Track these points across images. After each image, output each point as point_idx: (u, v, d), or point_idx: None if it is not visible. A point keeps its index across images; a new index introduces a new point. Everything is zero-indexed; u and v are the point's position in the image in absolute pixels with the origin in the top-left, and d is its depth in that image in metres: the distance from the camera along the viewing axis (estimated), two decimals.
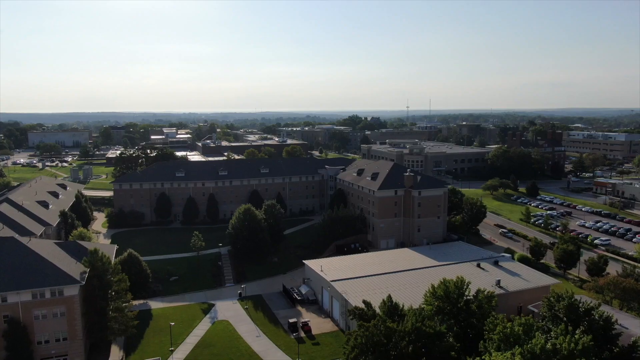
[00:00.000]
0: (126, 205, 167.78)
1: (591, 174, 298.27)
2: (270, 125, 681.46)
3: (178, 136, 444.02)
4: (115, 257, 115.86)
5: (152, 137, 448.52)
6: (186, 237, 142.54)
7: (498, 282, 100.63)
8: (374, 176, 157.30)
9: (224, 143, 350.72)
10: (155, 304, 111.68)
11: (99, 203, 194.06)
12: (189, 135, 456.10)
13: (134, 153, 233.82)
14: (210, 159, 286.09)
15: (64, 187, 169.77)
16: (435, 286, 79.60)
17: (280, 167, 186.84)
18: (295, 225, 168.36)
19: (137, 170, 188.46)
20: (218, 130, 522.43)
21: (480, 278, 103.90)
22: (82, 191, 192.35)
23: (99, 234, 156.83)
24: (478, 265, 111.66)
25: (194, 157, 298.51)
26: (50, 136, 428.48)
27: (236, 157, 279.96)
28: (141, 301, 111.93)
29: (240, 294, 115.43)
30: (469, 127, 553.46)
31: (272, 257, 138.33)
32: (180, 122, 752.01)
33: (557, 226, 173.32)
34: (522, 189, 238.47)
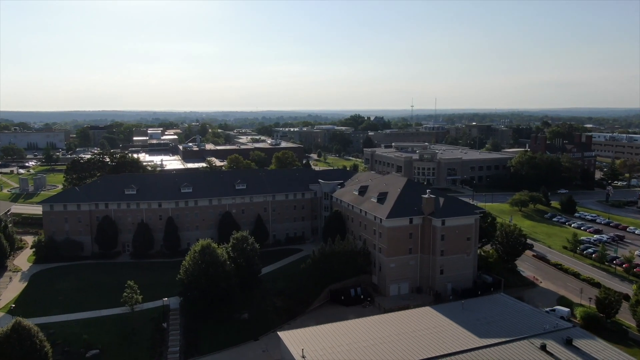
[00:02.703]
0: (59, 233, 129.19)
1: (625, 183, 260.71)
2: (268, 125, 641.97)
3: (164, 137, 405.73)
4: (12, 315, 79.34)
5: (135, 138, 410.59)
6: (134, 276, 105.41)
7: None
8: (381, 197, 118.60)
9: (208, 146, 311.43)
10: None
11: (40, 225, 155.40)
12: (176, 137, 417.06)
13: (93, 158, 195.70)
14: (190, 165, 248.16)
15: None
16: None
17: (262, 182, 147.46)
18: (278, 259, 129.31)
19: (75, 186, 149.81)
20: (210, 130, 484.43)
21: None
22: (15, 208, 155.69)
23: (17, 272, 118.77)
24: (543, 349, 72.80)
25: (172, 163, 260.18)
26: (21, 137, 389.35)
27: (219, 163, 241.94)
28: None
29: None
30: (479, 128, 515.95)
31: (241, 312, 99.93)
32: (170, 122, 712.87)
33: (615, 258, 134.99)
34: (554, 203, 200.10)
